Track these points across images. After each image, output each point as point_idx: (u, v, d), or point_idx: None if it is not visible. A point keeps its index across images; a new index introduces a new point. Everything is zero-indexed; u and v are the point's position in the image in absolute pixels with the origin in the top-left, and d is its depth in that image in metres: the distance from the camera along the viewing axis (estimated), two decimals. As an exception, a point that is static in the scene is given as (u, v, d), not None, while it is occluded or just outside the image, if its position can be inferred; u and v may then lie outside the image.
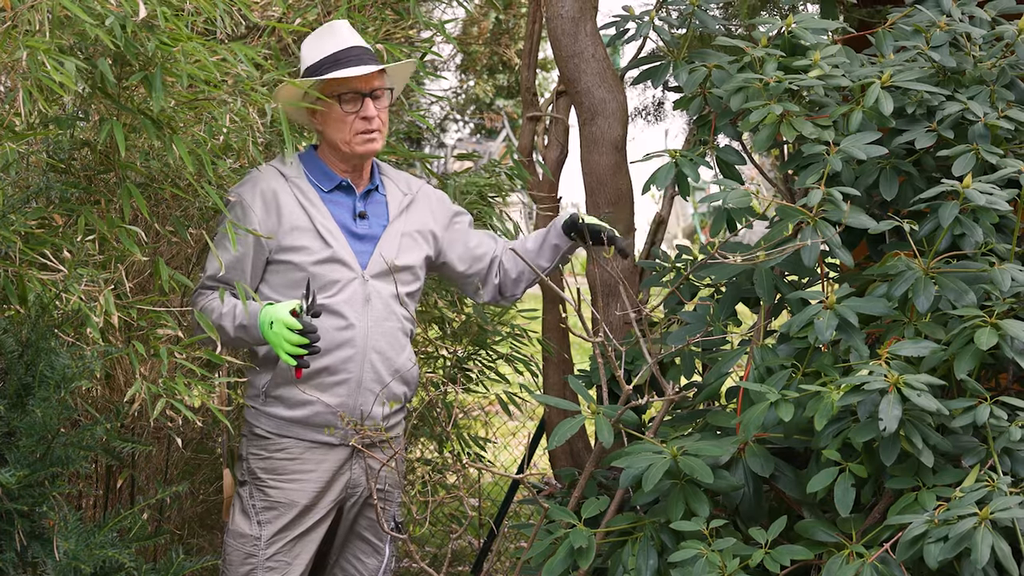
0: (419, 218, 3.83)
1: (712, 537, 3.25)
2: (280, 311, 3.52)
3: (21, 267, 3.32)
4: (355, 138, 3.69)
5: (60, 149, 3.61)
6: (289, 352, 3.51)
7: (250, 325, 3.57)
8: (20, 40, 3.14)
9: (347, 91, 3.68)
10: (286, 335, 3.50)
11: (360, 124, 3.69)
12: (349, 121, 3.68)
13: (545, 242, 3.86)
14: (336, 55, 3.69)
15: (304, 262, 3.64)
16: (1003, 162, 3.40)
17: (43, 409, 3.22)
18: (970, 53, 3.67)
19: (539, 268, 3.79)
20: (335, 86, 3.68)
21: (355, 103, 3.69)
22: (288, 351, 3.51)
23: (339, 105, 3.68)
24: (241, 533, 3.69)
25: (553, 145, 4.32)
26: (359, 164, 3.76)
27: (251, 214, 3.64)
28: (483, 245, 3.90)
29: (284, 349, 3.51)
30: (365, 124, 3.69)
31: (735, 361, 3.53)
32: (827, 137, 3.46)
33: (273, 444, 3.69)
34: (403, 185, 3.86)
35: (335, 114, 3.70)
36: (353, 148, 3.70)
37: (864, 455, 3.20)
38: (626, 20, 3.94)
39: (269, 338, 3.54)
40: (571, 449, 4.30)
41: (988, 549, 2.90)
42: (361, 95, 3.68)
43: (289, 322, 3.50)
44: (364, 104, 3.68)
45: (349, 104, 3.68)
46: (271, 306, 3.56)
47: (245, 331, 3.59)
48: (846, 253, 3.39)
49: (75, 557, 3.21)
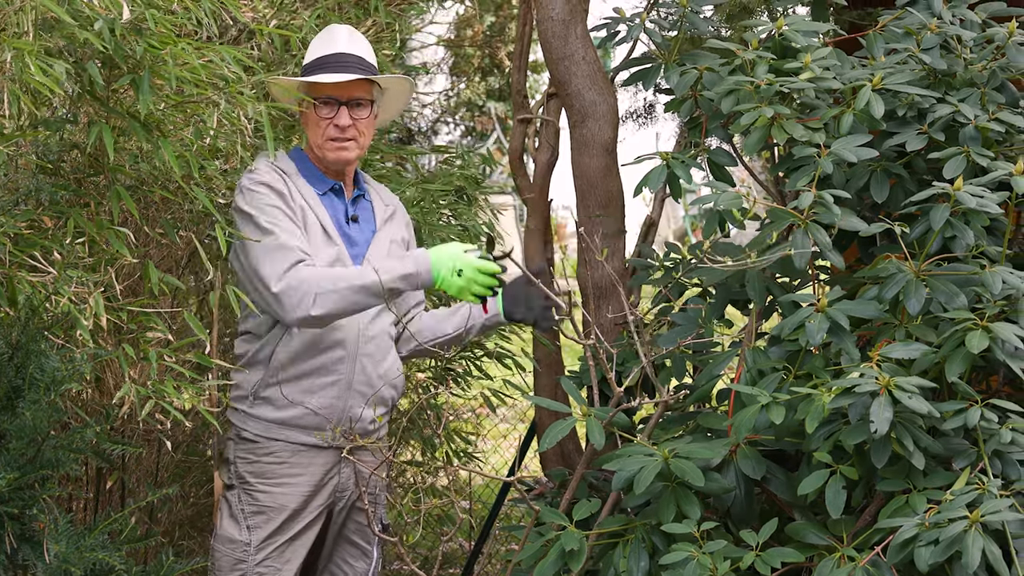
0: (398, 230, 3.87)
1: (703, 539, 3.25)
2: (466, 258, 3.60)
3: (11, 269, 3.31)
4: (326, 143, 3.70)
5: (49, 151, 3.60)
6: (477, 293, 3.63)
7: (420, 271, 3.60)
8: (6, 42, 3.13)
9: (323, 96, 3.69)
10: (479, 279, 3.61)
11: (332, 131, 3.70)
12: (323, 126, 3.69)
13: (458, 313, 3.90)
14: (325, 59, 3.70)
15: (314, 254, 3.63)
16: (994, 165, 3.40)
17: (33, 412, 3.21)
18: (961, 56, 3.67)
19: (443, 334, 3.88)
20: (315, 89, 3.69)
21: (330, 108, 3.69)
22: (478, 293, 3.63)
23: (319, 109, 3.69)
24: (230, 538, 3.68)
25: (544, 147, 4.32)
26: (339, 171, 3.77)
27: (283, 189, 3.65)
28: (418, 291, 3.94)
29: (474, 291, 3.62)
30: (337, 132, 3.70)
31: (726, 363, 3.53)
32: (818, 139, 3.46)
33: (261, 448, 3.68)
34: (384, 196, 3.91)
35: (312, 117, 3.72)
36: (324, 153, 3.71)
37: (855, 457, 3.20)
38: (617, 22, 3.94)
39: (451, 284, 3.61)
40: (562, 451, 4.30)
41: (979, 552, 2.90)
42: (337, 102, 3.69)
43: (486, 267, 3.61)
44: (339, 112, 3.69)
45: (324, 109, 3.69)
46: (439, 253, 3.62)
47: (405, 280, 3.59)
48: (837, 256, 3.39)
49: (65, 560, 3.20)
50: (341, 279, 3.53)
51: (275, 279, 3.53)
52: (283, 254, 3.54)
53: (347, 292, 3.52)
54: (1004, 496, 3.03)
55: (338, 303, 3.52)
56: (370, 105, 3.75)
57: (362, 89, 3.72)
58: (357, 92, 3.71)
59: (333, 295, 3.51)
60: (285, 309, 3.53)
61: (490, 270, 3.61)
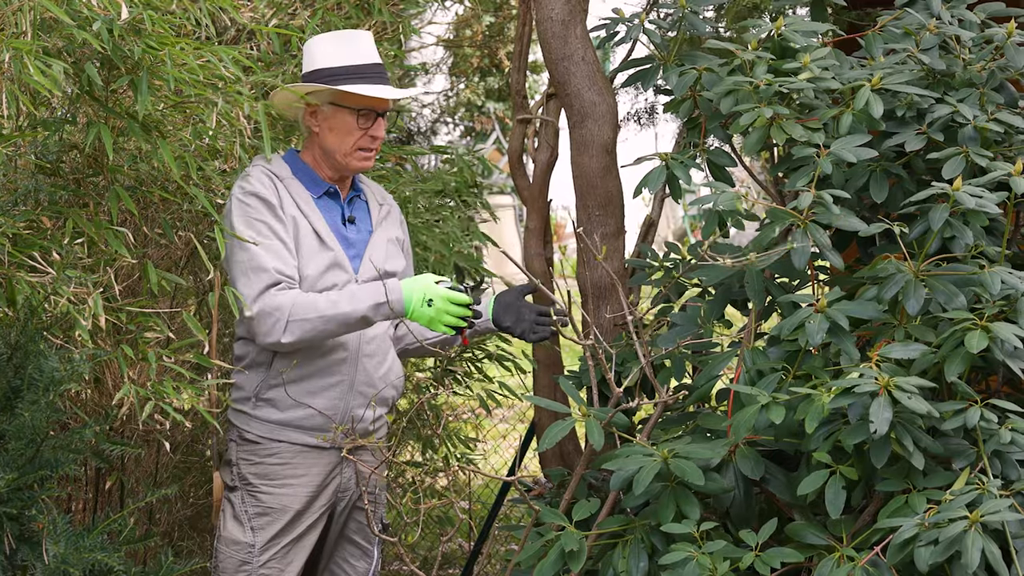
0: (393, 229, 3.87)
1: (702, 540, 3.25)
2: (437, 289, 3.59)
3: (9, 269, 3.31)
4: (355, 153, 3.71)
5: (48, 152, 3.60)
6: (449, 324, 3.60)
7: (391, 300, 3.57)
8: (5, 42, 3.13)
9: (365, 108, 3.69)
10: (450, 310, 3.59)
11: (365, 141, 3.71)
12: (356, 136, 3.69)
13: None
14: (360, 68, 3.69)
15: (307, 263, 3.63)
16: (993, 165, 3.40)
17: (32, 412, 3.21)
18: (960, 56, 3.67)
19: (424, 338, 3.85)
20: (352, 99, 3.68)
21: (369, 119, 3.70)
22: (449, 323, 3.60)
23: (354, 119, 3.68)
24: (234, 540, 3.68)
25: (543, 148, 4.32)
26: (347, 175, 3.77)
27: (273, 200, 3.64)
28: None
29: (444, 322, 3.60)
30: (370, 142, 3.71)
31: (726, 364, 3.53)
32: (817, 140, 3.46)
33: (264, 449, 3.68)
34: (379, 195, 3.90)
35: (344, 125, 3.70)
36: (349, 161, 3.71)
37: (855, 457, 3.20)
38: (616, 23, 3.94)
39: (421, 314, 3.59)
40: (561, 451, 4.30)
41: (978, 552, 2.90)
42: (375, 113, 3.70)
43: (457, 298, 3.59)
44: (376, 123, 3.70)
45: (364, 119, 3.69)
46: (412, 284, 3.61)
47: (376, 310, 3.57)
48: (836, 256, 3.38)
49: (64, 560, 3.20)
50: (313, 309, 3.55)
51: (250, 300, 3.57)
52: (258, 276, 3.56)
53: (318, 322, 3.55)
54: (1004, 496, 3.02)
55: (308, 332, 3.55)
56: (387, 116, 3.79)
57: (391, 101, 3.75)
58: (388, 103, 3.74)
59: (305, 324, 3.54)
60: (258, 333, 3.58)
61: (461, 301, 3.60)
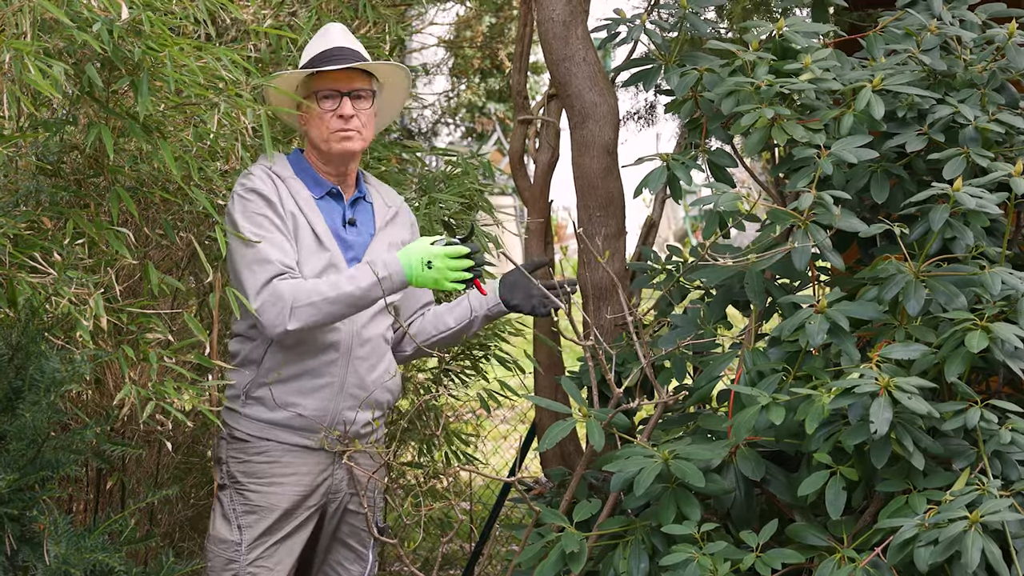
0: (400, 233, 3.86)
1: (703, 541, 3.25)
2: (433, 249, 3.59)
3: (10, 270, 3.31)
4: (331, 136, 3.70)
5: (49, 152, 3.61)
6: (456, 279, 3.60)
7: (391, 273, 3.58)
8: (6, 43, 3.13)
9: (326, 88, 3.70)
10: (451, 265, 3.58)
11: (336, 122, 3.70)
12: (327, 119, 3.70)
13: (460, 305, 3.88)
14: (322, 54, 3.72)
15: (303, 263, 3.63)
16: (993, 165, 3.40)
17: (33, 413, 3.21)
18: (961, 57, 3.67)
19: (445, 327, 3.86)
20: (316, 84, 3.69)
21: (333, 100, 3.70)
22: (455, 279, 3.59)
23: (322, 103, 3.69)
24: (222, 538, 3.68)
25: (544, 148, 4.32)
26: (343, 168, 3.76)
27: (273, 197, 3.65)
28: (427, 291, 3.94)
29: (449, 279, 3.59)
30: (341, 123, 3.70)
31: (726, 365, 3.53)
32: (818, 141, 3.46)
33: (252, 447, 3.68)
34: (387, 198, 3.89)
35: (315, 112, 3.72)
36: (331, 146, 3.71)
37: (855, 458, 3.20)
38: (617, 23, 3.94)
39: (425, 278, 3.59)
40: (562, 451, 4.29)
41: (979, 552, 2.90)
42: (340, 94, 3.70)
43: (454, 251, 3.59)
44: (342, 102, 3.70)
45: (327, 101, 3.70)
46: (408, 252, 3.61)
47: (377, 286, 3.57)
48: (837, 256, 3.39)
49: (65, 561, 3.20)
50: (316, 292, 3.55)
51: (254, 293, 3.57)
52: (262, 267, 3.57)
53: (322, 304, 3.55)
54: (1004, 496, 3.03)
55: (313, 315, 3.55)
56: (371, 97, 3.76)
57: (362, 80, 3.74)
58: (357, 83, 3.73)
59: (309, 308, 3.54)
60: (264, 325, 3.57)
61: (458, 253, 3.60)
